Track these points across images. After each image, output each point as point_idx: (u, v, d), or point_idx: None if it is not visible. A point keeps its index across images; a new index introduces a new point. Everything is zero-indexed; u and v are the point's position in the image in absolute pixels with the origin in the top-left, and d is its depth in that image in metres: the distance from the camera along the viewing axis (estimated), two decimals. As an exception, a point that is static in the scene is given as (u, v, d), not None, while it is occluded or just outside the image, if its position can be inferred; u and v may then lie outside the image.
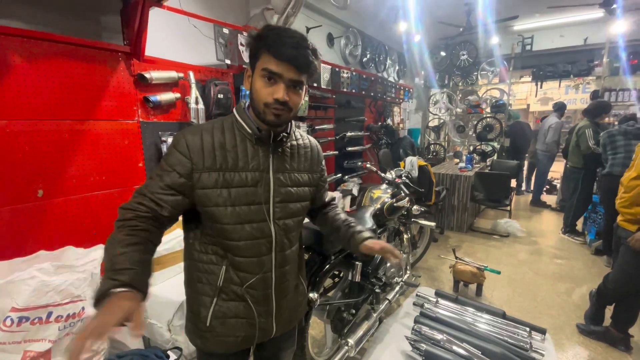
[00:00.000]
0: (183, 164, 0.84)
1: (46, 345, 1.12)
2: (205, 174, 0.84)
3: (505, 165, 5.07)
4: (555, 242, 3.96)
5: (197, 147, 0.84)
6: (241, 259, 0.90)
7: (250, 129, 0.89)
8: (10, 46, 1.62)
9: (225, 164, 0.86)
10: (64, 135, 1.87)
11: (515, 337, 2.04)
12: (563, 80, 5.99)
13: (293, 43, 0.80)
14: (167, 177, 0.83)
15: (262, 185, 0.89)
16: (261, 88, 0.83)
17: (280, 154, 0.94)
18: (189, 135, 0.86)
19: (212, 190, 0.85)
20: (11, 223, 1.67)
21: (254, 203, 0.89)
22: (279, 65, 0.80)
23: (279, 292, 0.98)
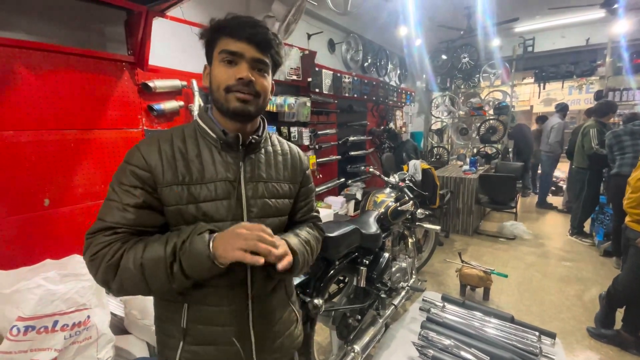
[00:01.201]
0: (144, 178, 0.72)
1: (52, 354, 1.12)
2: (167, 189, 0.73)
3: (509, 167, 5.04)
4: (563, 244, 3.91)
5: (155, 161, 0.73)
6: (208, 290, 0.76)
7: (214, 133, 0.77)
8: (16, 57, 1.65)
9: (189, 176, 0.74)
10: (69, 144, 1.89)
11: (524, 341, 2.01)
12: (566, 81, 5.97)
13: (251, 22, 0.73)
14: (132, 198, 0.71)
15: (234, 197, 0.76)
16: (221, 72, 0.73)
17: (253, 161, 0.81)
18: (143, 146, 0.75)
19: (176, 207, 0.73)
20: (18, 232, 1.69)
21: (228, 219, 0.75)
22: (238, 44, 0.72)
23: (259, 324, 0.82)
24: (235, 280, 0.77)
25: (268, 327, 0.85)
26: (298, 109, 3.33)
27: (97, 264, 0.68)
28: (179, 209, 0.73)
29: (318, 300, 1.42)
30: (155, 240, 0.69)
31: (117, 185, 0.72)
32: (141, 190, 0.71)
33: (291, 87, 3.53)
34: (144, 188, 0.72)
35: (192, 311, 0.77)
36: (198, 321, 0.77)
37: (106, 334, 1.30)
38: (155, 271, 0.67)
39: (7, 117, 1.64)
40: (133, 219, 0.70)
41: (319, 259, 1.63)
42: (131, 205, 0.70)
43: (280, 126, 3.32)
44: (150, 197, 0.72)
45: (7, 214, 1.65)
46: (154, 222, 0.74)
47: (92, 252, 0.68)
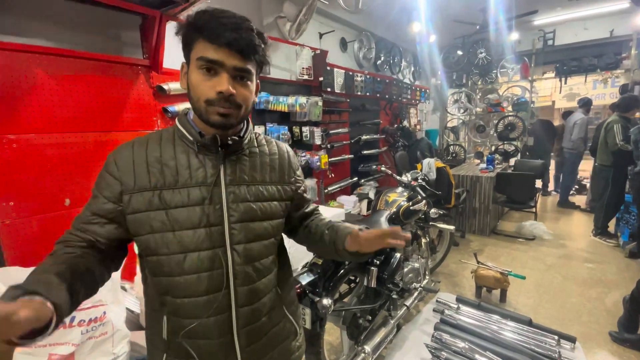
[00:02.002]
0: (111, 186, 0.70)
1: (70, 348, 1.17)
2: (137, 195, 0.69)
3: (529, 165, 4.88)
4: (586, 245, 3.76)
5: (127, 164, 0.71)
6: (185, 300, 0.72)
7: (191, 135, 0.73)
8: (37, 63, 1.72)
9: (162, 181, 0.70)
10: (88, 146, 1.96)
11: (542, 345, 1.95)
12: (589, 75, 5.72)
13: (232, 24, 0.65)
14: (94, 204, 0.71)
15: (211, 202, 0.72)
16: (199, 82, 0.67)
17: (234, 163, 0.76)
18: (119, 152, 0.73)
19: (146, 213, 0.69)
20: (41, 231, 1.77)
21: (201, 226, 0.71)
22: (217, 52, 0.65)
23: (246, 336, 0.76)
24: (214, 288, 0.72)
25: (256, 340, 0.79)
26: (310, 109, 3.33)
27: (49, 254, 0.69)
28: (147, 216, 0.70)
29: (327, 300, 1.42)
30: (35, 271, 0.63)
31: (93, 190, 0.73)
32: (103, 198, 0.70)
33: (303, 86, 3.54)
34: (107, 197, 0.70)
35: (171, 323, 0.74)
36: (178, 334, 0.73)
37: (121, 330, 1.34)
38: None
39: (30, 120, 1.72)
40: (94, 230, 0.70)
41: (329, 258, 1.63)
42: (89, 210, 0.71)
43: (292, 126, 3.33)
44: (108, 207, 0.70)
45: (30, 213, 1.72)
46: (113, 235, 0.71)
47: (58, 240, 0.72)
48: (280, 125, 3.17)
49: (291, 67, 3.35)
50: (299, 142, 3.43)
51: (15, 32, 1.72)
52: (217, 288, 0.73)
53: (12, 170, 1.66)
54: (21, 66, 1.66)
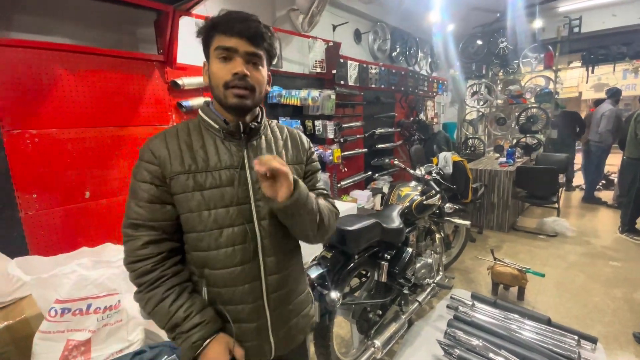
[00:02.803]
0: (153, 173, 0.78)
1: (86, 334, 1.22)
2: (175, 179, 0.78)
3: (552, 159, 4.68)
4: (611, 243, 3.59)
5: (163, 153, 0.79)
6: (221, 272, 0.81)
7: (216, 123, 0.82)
8: (57, 60, 1.78)
9: (195, 165, 0.79)
10: (106, 141, 2.02)
11: (561, 345, 1.89)
12: (618, 64, 5.39)
13: (241, 18, 0.77)
14: (145, 193, 0.77)
15: (239, 183, 0.81)
16: (218, 69, 0.78)
17: (255, 147, 0.85)
18: (152, 143, 0.81)
19: (184, 194, 0.78)
20: (62, 222, 1.84)
21: (232, 204, 0.80)
22: (231, 40, 0.76)
23: (274, 301, 0.87)
24: (246, 259, 0.82)
25: (283, 305, 0.89)
26: (322, 102, 3.31)
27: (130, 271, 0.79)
28: (185, 197, 0.78)
29: (335, 293, 1.42)
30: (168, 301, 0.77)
31: (133, 182, 0.80)
32: (150, 185, 0.78)
33: (315, 80, 3.51)
34: (153, 183, 0.78)
35: (211, 293, 0.83)
36: (217, 302, 0.83)
37: (136, 318, 1.38)
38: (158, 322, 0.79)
39: (51, 116, 1.78)
40: (148, 215, 0.77)
41: (338, 252, 1.62)
42: (145, 200, 0.77)
43: (304, 120, 3.32)
44: (159, 191, 0.78)
45: (52, 205, 1.80)
46: (167, 216, 0.79)
47: (127, 261, 0.79)
48: (293, 119, 3.17)
49: (304, 60, 3.33)
50: (312, 136, 3.42)
51: (35, 30, 1.78)
52: (249, 259, 0.82)
53: (34, 164, 1.73)
54: (41, 63, 1.72)
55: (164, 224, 0.79)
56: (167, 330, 0.78)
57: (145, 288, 0.77)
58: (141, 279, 0.77)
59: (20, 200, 1.69)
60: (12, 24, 1.72)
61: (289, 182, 0.74)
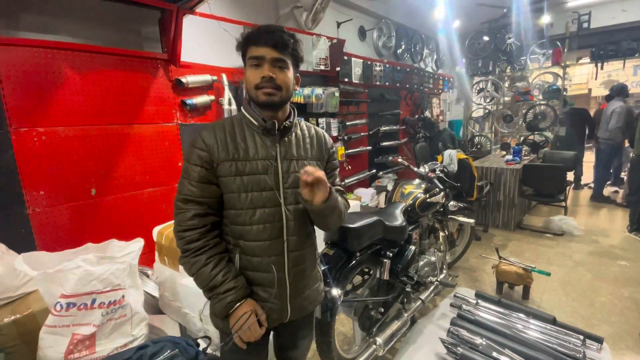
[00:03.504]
0: (203, 158, 0.93)
1: (91, 329, 1.24)
2: (222, 164, 0.93)
3: (559, 156, 4.61)
4: (619, 242, 3.53)
5: (212, 142, 0.94)
6: (253, 243, 0.97)
7: (256, 121, 0.97)
8: (63, 59, 1.80)
9: (237, 154, 0.94)
10: (112, 139, 2.05)
11: (566, 345, 1.87)
12: (628, 60, 5.28)
13: (268, 30, 0.92)
14: (196, 173, 0.93)
15: (271, 172, 0.96)
16: (250, 75, 0.93)
17: (286, 143, 1.00)
18: (204, 133, 0.96)
19: (228, 178, 0.93)
20: (69, 218, 1.88)
21: (266, 189, 0.95)
22: (260, 50, 0.91)
23: (293, 275, 1.02)
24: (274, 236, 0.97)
25: (299, 279, 1.04)
26: (326, 100, 3.30)
27: (178, 239, 0.95)
28: (228, 180, 0.94)
29: (336, 290, 1.42)
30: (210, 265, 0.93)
31: (186, 164, 0.95)
32: (201, 167, 0.93)
33: (319, 77, 3.50)
34: (204, 166, 0.93)
35: (243, 260, 0.99)
36: (247, 268, 0.99)
37: (139, 313, 1.40)
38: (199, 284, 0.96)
39: (58, 114, 1.81)
40: (198, 192, 0.93)
41: (340, 249, 1.62)
42: (195, 180, 0.93)
43: (308, 117, 3.32)
44: (208, 173, 0.93)
45: (59, 202, 1.83)
46: (213, 194, 0.95)
47: (178, 229, 0.95)
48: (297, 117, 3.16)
49: (308, 57, 3.32)
50: (316, 133, 3.41)
51: (41, 30, 1.81)
52: (276, 236, 0.98)
53: (41, 162, 1.76)
54: (47, 62, 1.75)
55: (209, 200, 0.94)
56: (206, 290, 0.94)
57: (191, 254, 0.93)
58: (188, 246, 0.93)
59: (28, 197, 1.72)
60: (19, 23, 1.75)
61: (325, 189, 0.91)
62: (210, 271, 0.92)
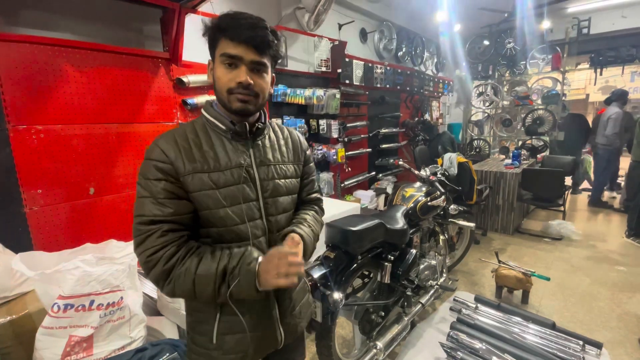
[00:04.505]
0: (166, 170, 0.77)
1: (89, 331, 1.22)
2: (189, 177, 0.78)
3: (558, 161, 4.63)
4: (618, 247, 3.54)
5: (174, 154, 0.78)
6: None
7: (223, 124, 0.84)
8: (63, 56, 1.78)
9: (207, 165, 0.81)
10: (111, 137, 2.02)
11: (566, 350, 1.86)
12: (627, 66, 5.32)
13: (249, 24, 0.77)
14: (160, 189, 0.76)
15: (248, 181, 0.85)
16: (222, 75, 0.79)
17: (260, 147, 0.89)
18: (162, 142, 0.80)
19: (201, 193, 0.79)
20: (67, 218, 1.85)
21: (246, 200, 0.84)
22: (237, 48, 0.77)
23: (280, 293, 0.92)
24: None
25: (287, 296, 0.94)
26: (327, 101, 3.29)
27: (152, 265, 0.75)
28: (204, 194, 0.80)
29: (338, 294, 1.41)
30: (207, 257, 0.77)
31: (144, 181, 0.77)
32: (165, 181, 0.77)
33: (320, 79, 3.50)
34: (167, 179, 0.77)
35: None
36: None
37: (138, 315, 1.38)
38: (205, 287, 0.76)
39: (57, 112, 1.79)
40: (170, 210, 0.76)
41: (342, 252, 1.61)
42: (162, 197, 0.76)
43: (309, 119, 3.31)
44: (175, 187, 0.77)
45: (57, 201, 1.81)
46: (187, 209, 0.79)
47: (148, 253, 0.74)
48: (297, 118, 3.16)
49: (309, 58, 3.32)
50: (316, 135, 3.41)
51: (41, 26, 1.79)
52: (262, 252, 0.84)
53: (40, 160, 1.74)
54: (47, 59, 1.73)
55: (182, 217, 0.78)
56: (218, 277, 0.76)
57: (177, 264, 0.75)
58: (169, 262, 0.74)
59: (25, 196, 1.69)
60: (18, 19, 1.73)
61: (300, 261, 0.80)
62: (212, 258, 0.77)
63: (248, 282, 0.76)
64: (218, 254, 0.78)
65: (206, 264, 0.76)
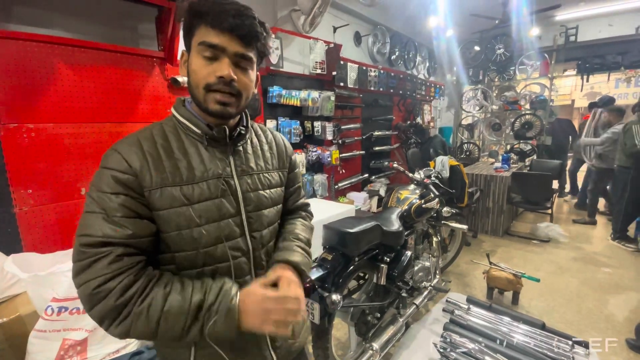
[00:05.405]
0: (128, 182, 0.63)
1: (83, 334, 1.20)
2: (157, 192, 0.65)
3: (546, 165, 4.75)
4: (603, 249, 3.64)
5: (139, 162, 0.65)
6: None
7: (199, 128, 0.71)
8: (56, 54, 1.75)
9: (180, 176, 0.67)
10: (104, 136, 1.99)
11: (555, 350, 1.90)
12: (612, 73, 5.49)
13: (235, 10, 0.64)
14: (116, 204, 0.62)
15: (228, 194, 0.72)
16: (200, 68, 0.66)
17: (241, 154, 0.77)
18: (123, 147, 0.66)
19: (170, 210, 0.66)
20: (57, 218, 1.81)
21: (225, 217, 0.71)
22: (219, 37, 0.64)
23: None
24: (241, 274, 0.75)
25: None
26: (322, 103, 3.31)
27: (99, 299, 0.59)
28: (175, 212, 0.66)
29: (336, 295, 1.41)
30: (177, 288, 0.64)
31: (97, 194, 0.62)
32: (124, 196, 0.63)
33: (315, 81, 3.51)
34: (128, 193, 0.63)
35: None
36: None
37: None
38: (172, 327, 0.62)
39: (49, 110, 1.75)
40: (128, 232, 0.61)
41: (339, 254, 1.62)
42: (120, 215, 0.61)
43: (303, 121, 3.32)
44: (136, 204, 0.64)
45: (47, 201, 1.77)
46: (148, 230, 0.65)
47: (95, 284, 0.58)
48: (292, 120, 3.16)
49: (304, 60, 3.33)
50: (311, 137, 3.41)
51: (34, 23, 1.75)
52: (245, 274, 0.76)
53: (30, 159, 1.70)
54: (39, 57, 1.70)
55: (141, 240, 0.64)
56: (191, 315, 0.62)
57: (136, 299, 0.60)
58: (124, 296, 0.59)
59: (15, 196, 1.65)
60: (10, 15, 1.69)
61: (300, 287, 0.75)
62: (181, 290, 0.63)
63: (228, 322, 0.63)
64: (189, 286, 0.64)
65: (176, 299, 0.62)
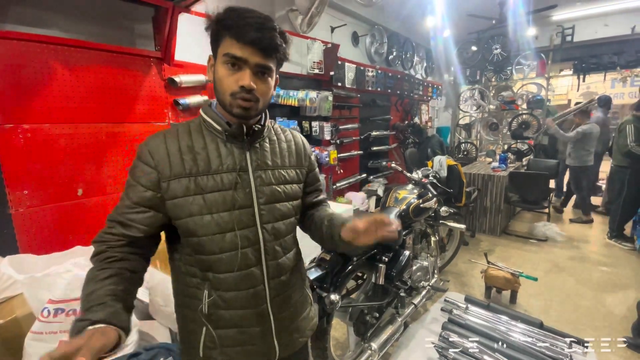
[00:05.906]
0: (147, 174, 0.75)
1: (80, 336, 1.18)
2: (175, 182, 0.75)
3: (543, 164, 4.77)
4: (600, 248, 3.66)
5: (161, 154, 0.76)
6: (225, 275, 0.80)
7: (219, 125, 0.80)
8: (52, 54, 1.74)
9: (196, 168, 0.77)
10: (101, 137, 1.98)
11: (553, 349, 1.91)
12: (608, 73, 5.53)
13: (257, 24, 0.72)
14: (133, 193, 0.75)
15: (241, 186, 0.79)
16: (225, 76, 0.74)
17: (258, 150, 0.84)
18: (151, 142, 0.78)
19: (184, 198, 0.76)
20: (53, 220, 1.80)
21: (235, 208, 0.78)
22: (242, 49, 0.72)
23: (277, 306, 0.86)
24: (250, 263, 0.81)
25: (285, 309, 0.89)
26: (320, 104, 3.30)
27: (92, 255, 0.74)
28: (186, 200, 0.76)
29: (334, 295, 1.41)
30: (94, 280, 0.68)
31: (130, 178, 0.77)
32: (144, 188, 0.75)
33: (313, 81, 3.51)
34: (147, 187, 0.75)
35: (213, 297, 0.81)
36: (219, 306, 0.81)
37: (130, 319, 1.35)
38: None
39: (45, 111, 1.74)
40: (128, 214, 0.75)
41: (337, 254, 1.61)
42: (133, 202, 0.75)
43: (301, 121, 3.31)
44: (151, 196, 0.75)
45: (43, 202, 1.75)
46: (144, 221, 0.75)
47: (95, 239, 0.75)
48: (290, 120, 3.16)
49: (302, 60, 3.32)
50: (308, 137, 3.41)
51: (30, 23, 1.74)
52: (253, 263, 0.81)
53: (26, 160, 1.69)
54: (35, 57, 1.68)
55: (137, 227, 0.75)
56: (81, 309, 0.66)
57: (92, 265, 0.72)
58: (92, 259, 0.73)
59: (11, 197, 1.64)
60: (6, 15, 1.68)
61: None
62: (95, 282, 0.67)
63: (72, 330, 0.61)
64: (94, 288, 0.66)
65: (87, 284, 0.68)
